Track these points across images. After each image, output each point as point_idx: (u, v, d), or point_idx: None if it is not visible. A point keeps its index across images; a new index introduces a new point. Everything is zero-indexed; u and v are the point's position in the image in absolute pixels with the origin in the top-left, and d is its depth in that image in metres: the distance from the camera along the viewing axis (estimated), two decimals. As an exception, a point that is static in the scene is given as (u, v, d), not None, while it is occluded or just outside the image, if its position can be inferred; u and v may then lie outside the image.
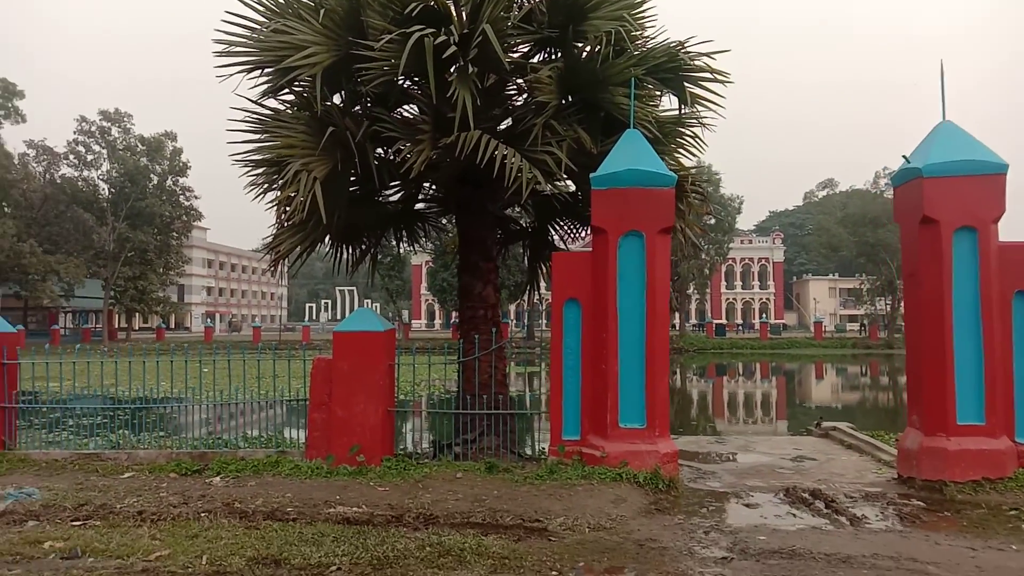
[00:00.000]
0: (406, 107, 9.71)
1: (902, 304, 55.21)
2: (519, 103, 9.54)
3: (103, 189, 57.90)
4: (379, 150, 9.33)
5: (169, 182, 59.55)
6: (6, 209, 53.76)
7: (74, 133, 56.21)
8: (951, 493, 7.43)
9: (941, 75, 8.02)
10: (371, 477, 7.88)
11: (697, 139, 9.72)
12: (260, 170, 9.06)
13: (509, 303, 59.89)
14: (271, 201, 9.09)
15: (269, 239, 9.66)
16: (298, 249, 9.51)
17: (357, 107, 8.98)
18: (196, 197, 61.51)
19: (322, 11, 8.03)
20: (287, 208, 8.53)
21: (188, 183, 60.68)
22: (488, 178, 8.84)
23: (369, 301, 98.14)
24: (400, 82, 9.04)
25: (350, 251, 10.76)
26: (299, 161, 8.02)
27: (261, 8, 8.52)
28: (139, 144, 57.61)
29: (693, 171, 9.46)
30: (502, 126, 9.51)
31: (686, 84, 8.82)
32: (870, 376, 41.51)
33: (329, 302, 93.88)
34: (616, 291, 7.90)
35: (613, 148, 8.12)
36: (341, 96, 9.02)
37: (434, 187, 10.71)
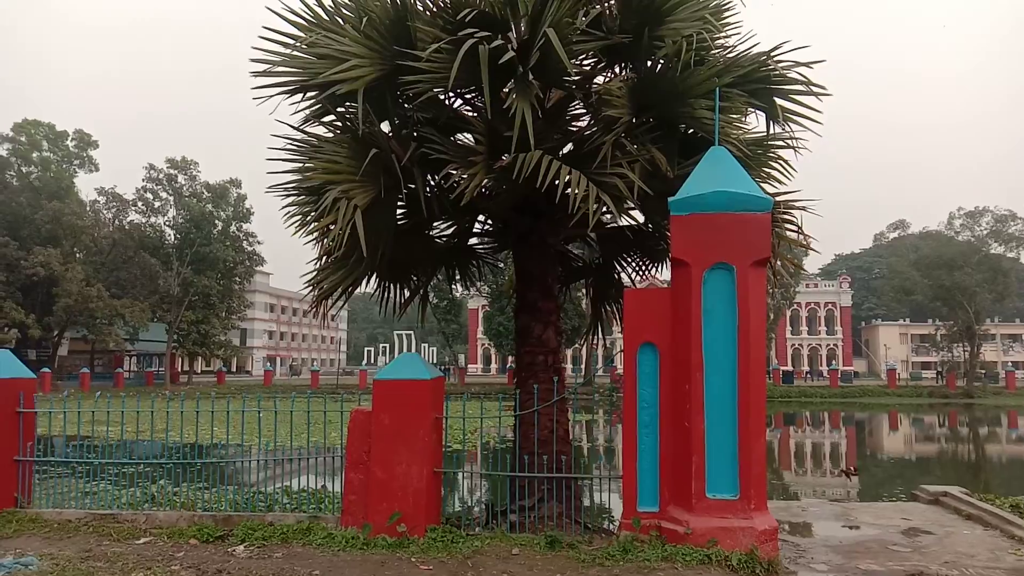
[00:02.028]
0: (459, 136, 8.84)
1: (981, 350, 52.26)
2: (584, 124, 8.54)
3: (169, 235, 59.22)
4: (430, 179, 8.43)
5: (233, 228, 60.61)
6: (77, 255, 55.25)
7: (143, 180, 57.86)
8: None
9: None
10: (413, 551, 6.76)
11: (785, 164, 8.57)
12: (300, 199, 8.23)
13: (567, 347, 58.54)
14: (312, 234, 8.25)
15: (311, 275, 8.81)
16: (341, 287, 8.64)
17: (404, 130, 8.10)
18: (259, 242, 62.45)
19: (364, 19, 7.20)
20: (326, 240, 7.67)
21: (251, 228, 61.64)
22: (549, 207, 7.88)
23: (427, 345, 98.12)
24: (451, 101, 8.18)
25: (398, 289, 9.83)
26: (338, 188, 7.14)
27: (299, 21, 7.75)
28: (204, 191, 58.91)
29: (785, 197, 8.26)
30: (564, 151, 8.54)
31: (776, 98, 7.72)
32: (948, 427, 38.77)
33: (387, 346, 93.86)
34: (701, 334, 6.72)
35: (696, 168, 7.02)
36: (388, 119, 8.17)
37: (489, 220, 9.76)
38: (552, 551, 6.77)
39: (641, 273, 10.48)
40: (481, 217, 9.77)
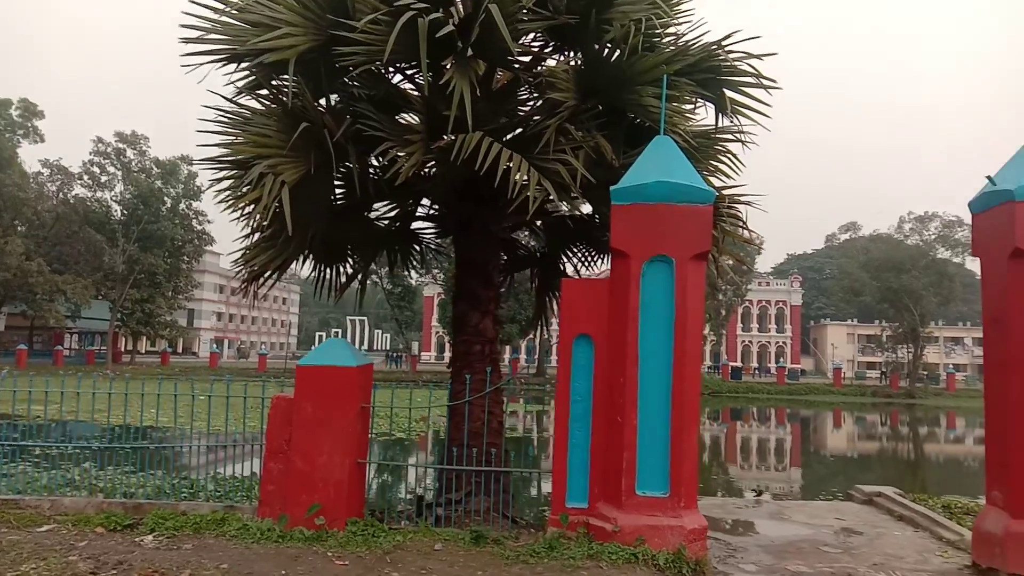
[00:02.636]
0: (401, 116, 8.49)
1: (924, 352, 53.45)
2: (530, 108, 8.29)
3: (116, 211, 57.34)
4: (373, 162, 8.09)
5: (183, 205, 58.92)
6: (18, 228, 53.25)
7: (90, 154, 55.83)
8: (1051, 594, 5.94)
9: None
10: (331, 545, 6.47)
11: (733, 158, 8.43)
12: (230, 174, 7.83)
13: (520, 338, 58.43)
14: (241, 211, 7.85)
15: (240, 254, 8.42)
16: (271, 267, 8.27)
17: (340, 104, 7.75)
18: (209, 221, 60.80)
19: (300, -13, 6.83)
20: (256, 217, 7.30)
21: (202, 207, 60.03)
22: (492, 194, 7.59)
23: (380, 332, 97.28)
24: (391, 76, 7.85)
25: (335, 272, 9.48)
26: (266, 163, 6.77)
27: (232, -14, 7.34)
28: (154, 167, 57.14)
29: (730, 190, 8.11)
30: (511, 137, 8.27)
31: (725, 89, 7.56)
32: (890, 427, 39.66)
33: (340, 331, 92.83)
34: (638, 327, 6.53)
35: (639, 157, 6.82)
36: (323, 93, 7.80)
37: (435, 205, 9.46)
38: (476, 547, 6.54)
39: (587, 264, 10.29)
40: (427, 201, 9.47)
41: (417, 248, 10.18)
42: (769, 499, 11.12)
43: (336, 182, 8.08)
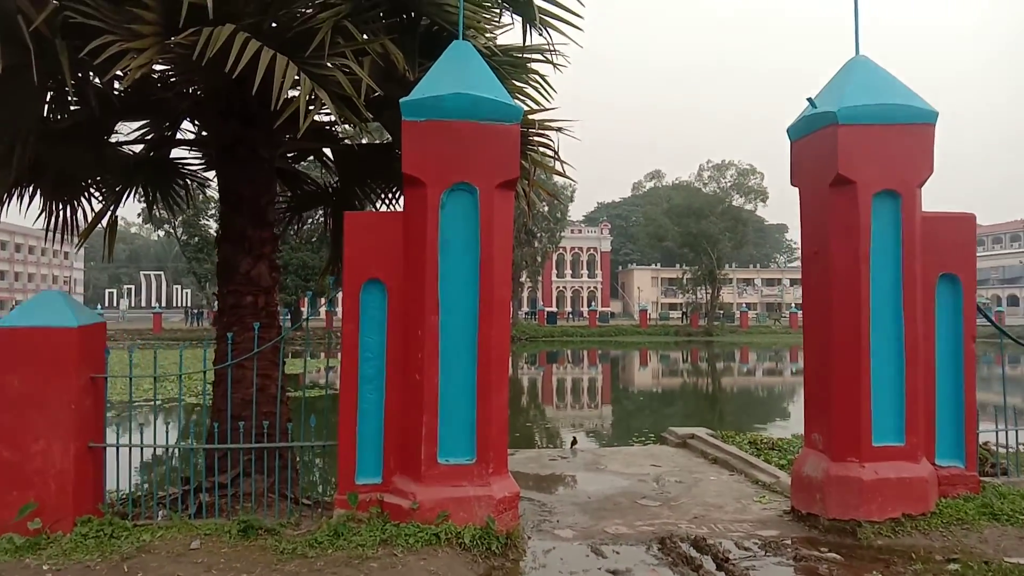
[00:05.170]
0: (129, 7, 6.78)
1: (720, 292, 57.14)
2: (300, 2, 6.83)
3: None
4: (106, 84, 6.34)
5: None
6: None
7: None
8: (868, 537, 5.69)
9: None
10: (50, 554, 5.01)
11: (544, 81, 7.53)
12: None
13: (337, 289, 55.86)
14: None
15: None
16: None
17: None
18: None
19: None
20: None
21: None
22: (263, 113, 6.19)
23: (179, 287, 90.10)
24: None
25: (70, 209, 7.68)
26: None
27: None
28: None
29: (538, 114, 7.20)
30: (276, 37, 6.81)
31: (535, -1, 6.57)
32: (691, 363, 42.10)
33: (133, 287, 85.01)
34: (437, 269, 5.52)
35: (434, 65, 5.71)
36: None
37: (197, 127, 7.84)
38: (245, 540, 5.34)
39: (390, 203, 9.10)
40: (196, 125, 7.83)
41: (181, 183, 8.51)
42: (584, 448, 10.67)
43: (50, 93, 6.31)
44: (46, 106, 6.38)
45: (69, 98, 6.43)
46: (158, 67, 6.21)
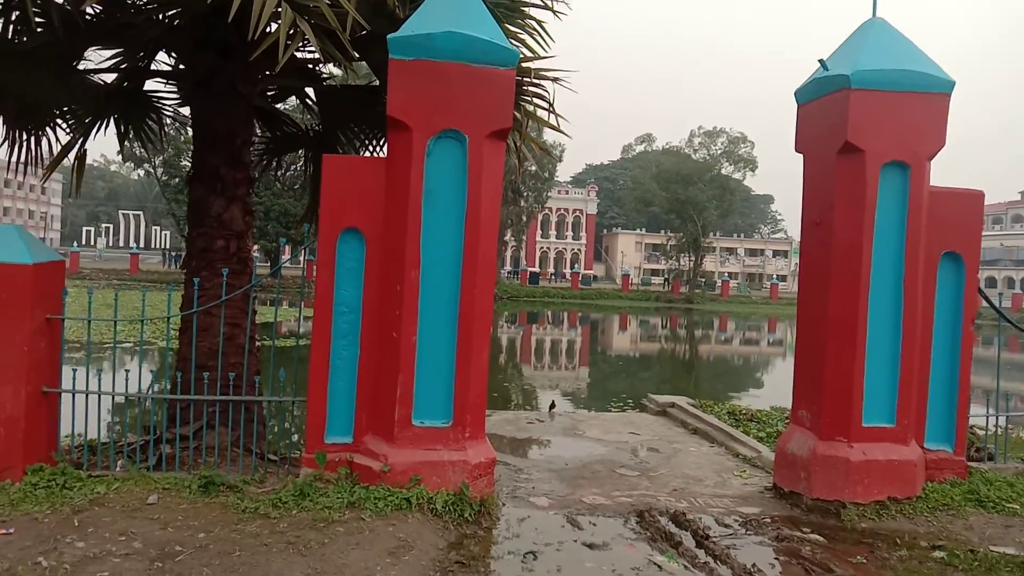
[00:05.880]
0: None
1: (703, 260, 57.07)
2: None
3: None
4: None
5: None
6: None
7: None
8: (851, 519, 5.53)
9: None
10: (-3, 504, 4.75)
11: (541, 27, 7.12)
12: None
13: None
14: None
15: None
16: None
17: None
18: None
19: None
20: None
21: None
22: (242, 44, 5.78)
23: (158, 229, 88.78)
24: None
25: (35, 139, 7.23)
26: None
27: None
28: None
29: (534, 62, 6.81)
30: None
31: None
32: (670, 329, 42.19)
33: (111, 226, 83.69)
34: (420, 220, 5.20)
35: (426, 1, 5.32)
36: None
37: (174, 57, 7.37)
38: (205, 496, 5.08)
39: (375, 148, 8.69)
40: (172, 56, 7.36)
41: (155, 117, 8.06)
42: (561, 411, 10.50)
43: (18, 10, 5.85)
44: (6, 24, 5.92)
45: (32, 17, 5.97)
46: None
